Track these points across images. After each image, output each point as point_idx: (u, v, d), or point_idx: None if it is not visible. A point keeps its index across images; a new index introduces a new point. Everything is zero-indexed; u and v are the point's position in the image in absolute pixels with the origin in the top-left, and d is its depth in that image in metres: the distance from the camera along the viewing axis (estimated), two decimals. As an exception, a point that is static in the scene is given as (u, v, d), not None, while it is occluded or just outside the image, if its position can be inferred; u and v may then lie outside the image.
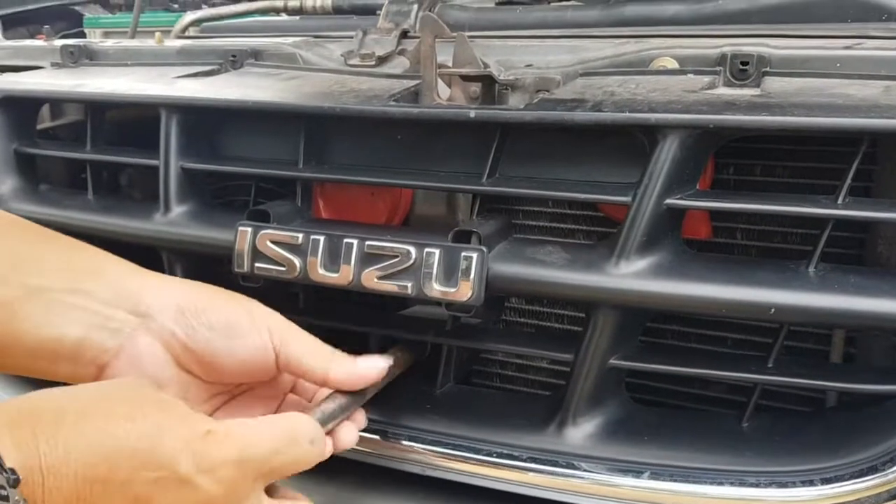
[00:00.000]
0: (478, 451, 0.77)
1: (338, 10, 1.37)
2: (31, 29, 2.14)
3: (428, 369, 0.86)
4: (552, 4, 1.19)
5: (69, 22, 2.27)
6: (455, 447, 0.78)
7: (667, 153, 0.71)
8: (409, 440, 0.80)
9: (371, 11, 1.26)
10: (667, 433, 0.75)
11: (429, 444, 0.79)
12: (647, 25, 1.03)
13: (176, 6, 2.34)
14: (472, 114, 0.78)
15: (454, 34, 0.87)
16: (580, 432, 0.76)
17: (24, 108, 1.07)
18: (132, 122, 1.14)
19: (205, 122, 0.95)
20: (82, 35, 2.21)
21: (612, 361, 0.74)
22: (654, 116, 0.71)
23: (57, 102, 1.16)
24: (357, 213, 0.92)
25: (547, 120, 0.76)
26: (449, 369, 0.85)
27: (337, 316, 0.92)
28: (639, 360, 0.75)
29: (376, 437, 0.81)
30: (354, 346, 0.77)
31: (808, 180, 0.84)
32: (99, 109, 1.04)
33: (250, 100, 0.88)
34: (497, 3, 1.23)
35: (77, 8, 2.34)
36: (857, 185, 0.81)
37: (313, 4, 1.38)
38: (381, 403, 0.79)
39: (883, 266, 0.80)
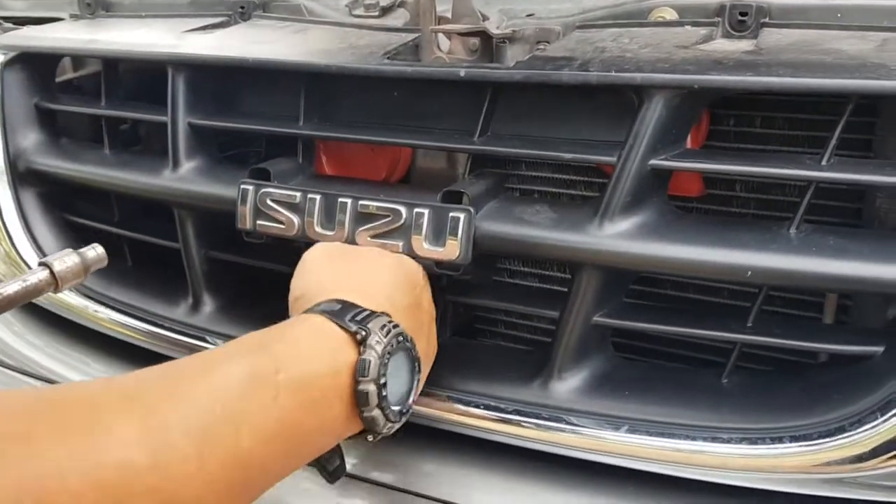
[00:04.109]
0: (466, 403, 0.79)
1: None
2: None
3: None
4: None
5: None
6: (443, 398, 0.81)
7: (652, 113, 0.71)
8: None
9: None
10: (648, 388, 0.77)
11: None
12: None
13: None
14: (462, 73, 0.78)
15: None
16: (565, 386, 0.78)
17: (41, 63, 1.11)
18: (149, 74, 1.16)
19: (210, 78, 0.97)
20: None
21: (597, 319, 0.76)
22: (639, 76, 0.71)
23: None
24: (358, 168, 0.94)
25: (534, 79, 0.76)
26: (445, 322, 0.87)
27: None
28: (622, 317, 0.77)
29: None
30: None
31: (810, 132, 0.83)
32: (112, 64, 1.07)
33: (250, 57, 0.90)
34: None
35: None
36: (857, 139, 0.80)
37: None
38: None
39: (882, 220, 0.80)
